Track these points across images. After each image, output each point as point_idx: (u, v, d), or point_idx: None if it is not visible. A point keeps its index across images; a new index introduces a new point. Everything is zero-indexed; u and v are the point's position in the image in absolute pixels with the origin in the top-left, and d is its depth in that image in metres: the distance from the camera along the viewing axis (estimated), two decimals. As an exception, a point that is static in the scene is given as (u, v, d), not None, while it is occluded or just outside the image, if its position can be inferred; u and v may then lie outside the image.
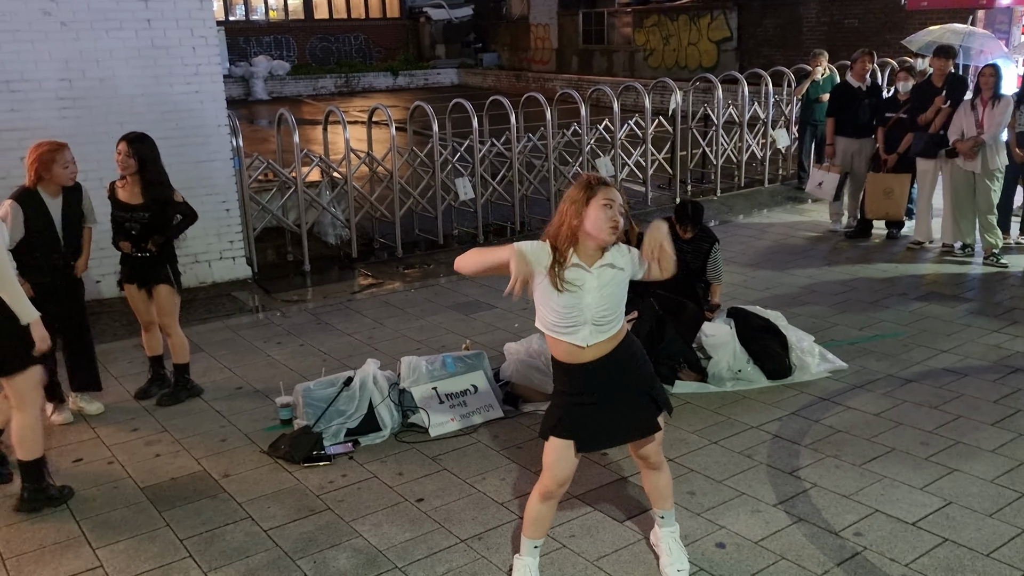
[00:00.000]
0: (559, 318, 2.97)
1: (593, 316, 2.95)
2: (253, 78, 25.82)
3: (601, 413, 3.07)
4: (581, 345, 2.97)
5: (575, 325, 2.95)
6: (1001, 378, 5.08)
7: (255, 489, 4.15)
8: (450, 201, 8.90)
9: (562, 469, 3.13)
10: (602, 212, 2.88)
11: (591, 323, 2.95)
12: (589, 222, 2.89)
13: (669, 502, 3.38)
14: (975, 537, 3.53)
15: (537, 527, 3.26)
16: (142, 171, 4.81)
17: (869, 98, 8.25)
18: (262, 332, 6.38)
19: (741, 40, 19.73)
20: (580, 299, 2.93)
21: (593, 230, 2.90)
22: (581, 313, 2.94)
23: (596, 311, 2.95)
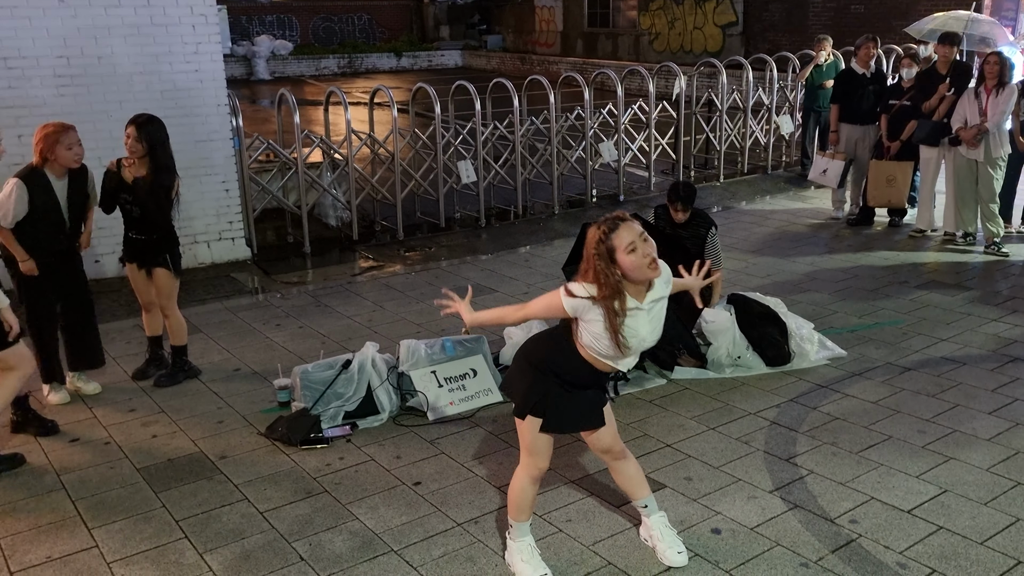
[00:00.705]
0: (608, 349, 2.96)
1: (644, 347, 3.04)
2: (255, 58, 25.70)
3: (575, 400, 3.14)
4: (624, 370, 3.10)
5: (629, 354, 3.01)
6: (999, 367, 5.07)
7: (252, 471, 4.16)
8: (452, 184, 8.86)
9: (547, 447, 3.20)
10: (630, 259, 2.84)
11: (638, 352, 3.05)
12: (628, 271, 2.86)
13: (645, 488, 3.41)
14: (970, 525, 3.54)
15: (526, 510, 3.30)
16: (151, 155, 4.78)
17: (873, 85, 8.19)
18: (261, 314, 6.38)
19: (747, 25, 19.58)
20: (637, 333, 2.96)
21: (637, 276, 2.88)
22: (637, 345, 2.99)
23: (648, 342, 3.03)
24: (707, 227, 5.46)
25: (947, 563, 3.30)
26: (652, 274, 2.89)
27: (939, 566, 3.29)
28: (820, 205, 9.29)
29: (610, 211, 3.05)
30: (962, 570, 3.26)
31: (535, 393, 3.11)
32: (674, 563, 3.32)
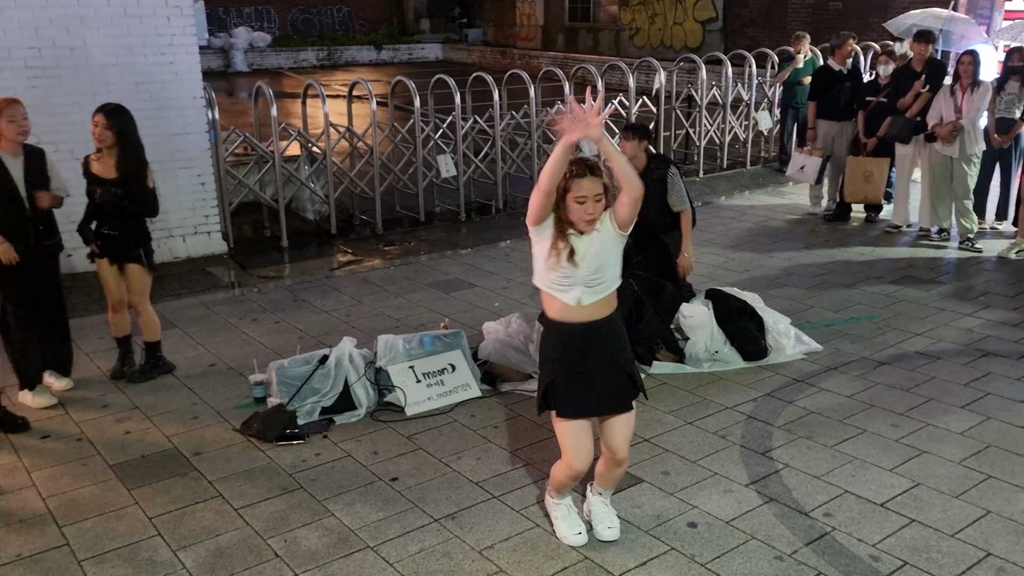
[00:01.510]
0: (557, 278, 3.12)
1: (584, 278, 3.09)
2: (233, 50, 25.43)
3: (585, 382, 3.19)
4: (572, 304, 3.12)
5: (568, 286, 3.11)
6: (972, 361, 5.13)
7: (227, 467, 4.12)
8: (432, 178, 8.83)
9: (582, 443, 3.23)
10: (576, 207, 3.03)
11: (583, 284, 3.10)
12: (569, 212, 3.04)
13: (613, 486, 3.54)
14: (941, 518, 3.58)
15: (566, 492, 3.49)
16: (120, 144, 4.71)
17: (850, 82, 8.25)
18: (237, 308, 6.32)
19: (726, 21, 19.65)
20: (577, 264, 3.07)
21: (572, 219, 3.06)
22: (574, 273, 3.08)
23: (587, 273, 3.09)
24: (666, 168, 5.40)
25: (918, 555, 3.34)
26: (585, 228, 3.05)
27: (911, 558, 3.32)
28: (798, 200, 9.35)
29: None
30: (933, 562, 3.29)
31: (541, 386, 3.25)
32: (605, 536, 3.45)
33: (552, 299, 3.17)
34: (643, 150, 5.35)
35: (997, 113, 7.33)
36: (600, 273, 3.10)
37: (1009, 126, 7.30)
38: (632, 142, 5.30)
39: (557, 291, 3.14)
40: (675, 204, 5.38)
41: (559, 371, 3.20)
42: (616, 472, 3.40)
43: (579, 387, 3.18)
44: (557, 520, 3.52)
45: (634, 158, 5.39)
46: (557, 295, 3.14)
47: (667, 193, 5.32)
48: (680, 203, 5.39)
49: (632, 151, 5.29)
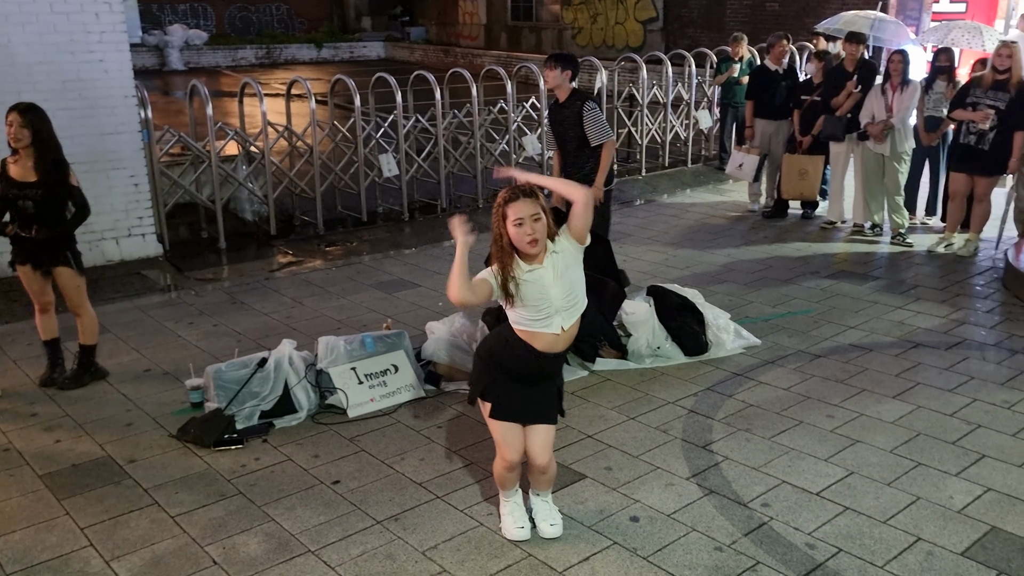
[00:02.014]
0: (532, 314, 3.12)
1: (560, 304, 3.12)
2: (168, 47, 24.86)
3: (524, 392, 3.26)
4: (557, 332, 3.14)
5: (547, 317, 3.12)
6: (903, 352, 5.29)
7: (162, 474, 4.02)
8: (374, 177, 8.75)
9: (513, 438, 3.30)
10: (515, 231, 3.04)
11: (562, 311, 3.12)
12: (513, 240, 3.06)
13: (548, 488, 3.54)
14: (874, 505, 3.68)
15: (509, 486, 3.50)
16: (36, 143, 4.55)
17: (785, 81, 8.43)
18: (173, 312, 6.18)
19: (667, 21, 19.91)
20: (545, 294, 3.09)
21: (517, 245, 3.07)
22: (550, 304, 3.10)
23: (564, 299, 3.12)
24: (583, 101, 5.44)
25: (852, 542, 3.43)
26: (529, 250, 3.04)
27: (845, 545, 3.41)
28: (738, 198, 9.52)
29: None
30: (866, 548, 3.39)
31: (480, 381, 3.30)
32: (547, 534, 3.47)
33: (535, 335, 3.14)
34: (567, 80, 5.34)
35: (926, 112, 7.57)
36: (572, 294, 3.15)
37: (937, 124, 7.54)
38: (555, 71, 5.31)
39: (539, 326, 3.12)
40: (592, 137, 5.39)
41: (502, 378, 3.24)
42: (543, 478, 3.45)
43: (518, 395, 3.25)
44: (504, 515, 3.55)
45: (557, 87, 5.42)
46: (541, 329, 3.13)
47: (583, 125, 5.33)
48: (598, 136, 5.39)
49: (554, 80, 5.33)
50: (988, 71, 6.81)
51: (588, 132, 5.36)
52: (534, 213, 3.02)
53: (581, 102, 5.38)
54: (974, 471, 3.93)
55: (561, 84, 5.36)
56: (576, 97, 5.44)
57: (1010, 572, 3.23)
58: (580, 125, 5.36)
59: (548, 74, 5.35)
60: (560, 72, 5.32)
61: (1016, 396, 4.67)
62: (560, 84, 5.36)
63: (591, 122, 5.36)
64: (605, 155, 5.49)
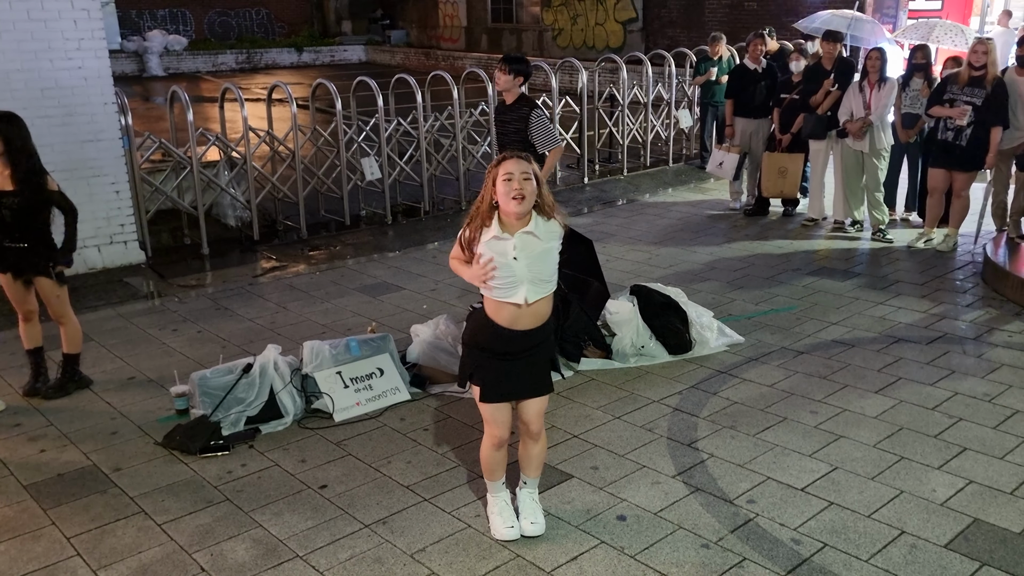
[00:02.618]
0: (497, 283, 3.16)
1: (529, 276, 3.15)
2: (147, 53, 24.70)
3: (509, 369, 3.28)
4: (520, 303, 3.16)
5: (512, 286, 3.15)
6: (885, 348, 5.34)
7: (148, 482, 4.00)
8: (356, 181, 8.74)
9: (501, 416, 3.35)
10: (503, 186, 3.09)
11: (528, 282, 3.15)
12: (498, 195, 3.11)
13: (537, 472, 3.57)
14: (858, 500, 3.72)
15: (496, 471, 3.51)
16: (9, 152, 4.51)
17: (764, 80, 8.49)
18: (157, 319, 6.14)
19: (646, 21, 20.00)
20: (507, 263, 3.13)
21: (502, 203, 3.12)
22: (514, 274, 3.13)
23: (530, 272, 3.15)
24: (530, 107, 5.38)
25: (837, 536, 3.46)
26: (512, 208, 3.09)
27: (830, 540, 3.44)
28: (719, 196, 9.58)
29: None
30: (851, 543, 3.42)
31: (466, 365, 3.35)
32: (527, 532, 3.49)
33: (500, 305, 3.19)
34: (517, 84, 5.31)
35: (903, 109, 7.65)
36: (544, 272, 3.18)
37: (914, 121, 7.62)
38: (507, 75, 5.28)
39: (503, 294, 3.16)
40: (538, 144, 5.34)
41: (485, 359, 3.28)
42: (535, 449, 3.48)
43: (504, 373, 3.27)
44: (492, 515, 3.55)
45: (507, 91, 5.36)
46: (504, 298, 3.17)
47: (528, 131, 5.30)
48: (543, 144, 5.35)
49: (505, 83, 5.27)
50: (964, 68, 6.90)
51: (535, 140, 5.32)
52: (524, 171, 3.09)
53: (528, 109, 5.32)
54: (956, 464, 3.98)
55: (511, 88, 5.32)
56: (523, 103, 5.39)
57: (993, 563, 3.28)
58: (524, 130, 5.32)
59: (500, 77, 5.29)
60: (512, 77, 5.29)
61: (996, 389, 4.73)
62: (510, 88, 5.32)
63: (538, 130, 5.32)
64: (551, 159, 5.45)
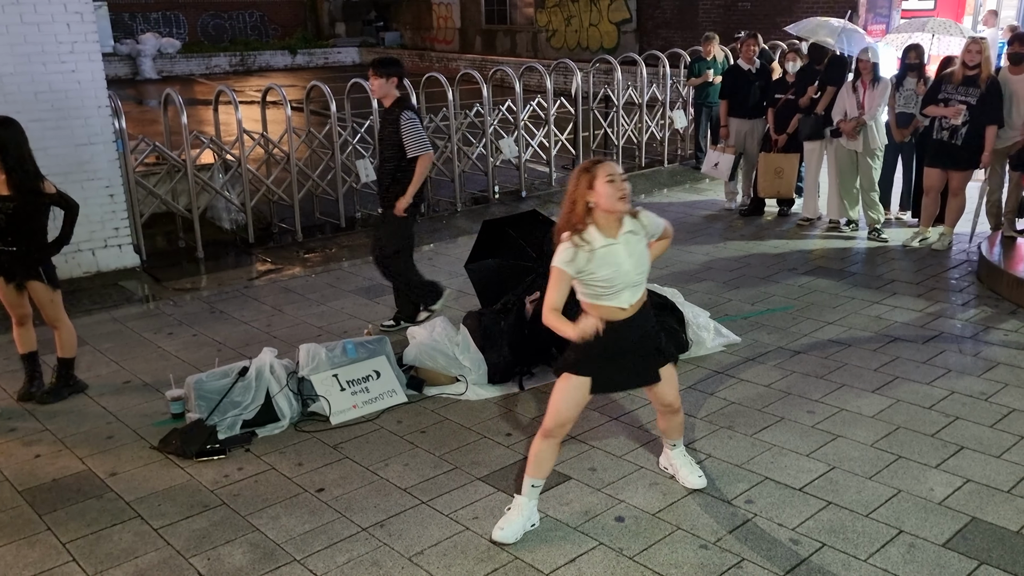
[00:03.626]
0: (602, 288, 3.27)
1: (631, 280, 3.28)
2: (140, 56, 24.65)
3: (615, 363, 3.39)
4: (624, 307, 3.30)
5: (617, 290, 3.27)
6: (881, 347, 5.35)
7: (144, 487, 3.99)
8: (351, 183, 8.73)
9: (568, 408, 3.41)
10: (609, 188, 3.19)
11: (630, 287, 3.29)
12: (602, 199, 3.19)
13: (680, 434, 3.82)
14: (856, 499, 3.72)
15: (538, 466, 3.48)
16: (5, 158, 4.49)
17: (759, 80, 8.50)
18: (152, 323, 6.12)
19: (640, 22, 20.01)
20: (619, 267, 3.25)
21: (607, 205, 3.21)
22: (621, 279, 3.26)
23: (633, 275, 3.29)
24: (402, 108, 5.30)
25: (835, 536, 3.46)
26: (621, 207, 3.22)
27: (828, 539, 3.44)
28: (714, 197, 9.59)
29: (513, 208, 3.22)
30: (849, 542, 3.42)
31: (570, 355, 3.39)
32: (695, 485, 3.75)
33: (599, 307, 3.29)
34: (392, 86, 5.21)
35: (897, 108, 7.66)
36: (643, 273, 3.34)
37: (909, 120, 7.64)
38: (379, 79, 5.18)
39: (607, 299, 3.27)
40: (408, 147, 5.25)
41: (593, 351, 3.32)
42: (675, 420, 3.70)
43: (610, 367, 3.39)
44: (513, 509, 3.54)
45: (384, 96, 5.26)
46: (607, 302, 3.28)
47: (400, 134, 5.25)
48: (412, 148, 5.24)
49: (380, 88, 5.17)
50: (958, 67, 6.91)
51: (405, 142, 5.22)
52: (622, 173, 3.23)
53: (400, 110, 5.22)
54: (953, 463, 3.99)
55: (387, 92, 5.20)
56: (398, 104, 5.28)
57: (991, 562, 3.28)
58: (396, 133, 5.23)
59: (373, 83, 5.16)
60: (385, 80, 5.18)
61: (992, 387, 4.74)
62: (387, 92, 5.20)
63: (408, 131, 5.20)
64: (420, 168, 5.33)
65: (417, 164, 5.35)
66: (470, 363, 4.94)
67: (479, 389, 4.89)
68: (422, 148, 5.33)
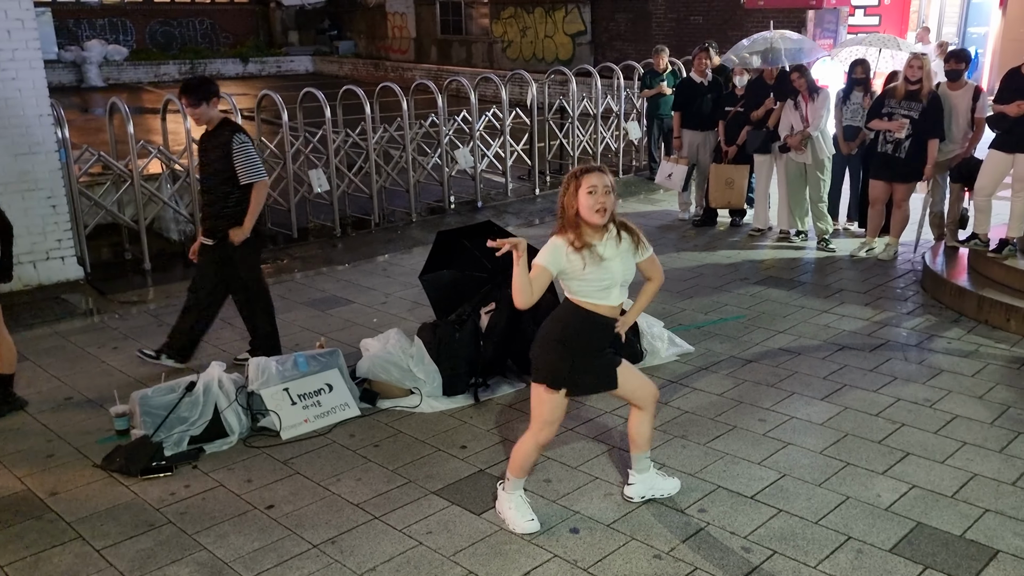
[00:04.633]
0: (593, 287, 3.33)
1: (621, 279, 3.36)
2: (86, 64, 24.11)
3: (593, 367, 3.47)
4: (614, 305, 3.39)
5: (607, 288, 3.34)
6: (830, 355, 5.44)
7: (87, 506, 3.87)
8: (304, 193, 8.63)
9: (558, 417, 3.51)
10: (588, 199, 3.25)
11: (619, 285, 3.37)
12: (582, 209, 3.26)
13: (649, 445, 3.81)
14: (806, 506, 3.76)
15: (526, 469, 3.62)
16: None
17: (710, 93, 8.62)
18: (96, 337, 5.96)
19: (595, 34, 20.20)
20: (608, 267, 3.32)
21: (586, 216, 3.27)
22: (612, 278, 3.33)
23: (622, 275, 3.36)
24: (232, 131, 4.90)
25: (786, 543, 3.50)
26: (595, 218, 3.26)
27: (779, 547, 3.47)
28: (668, 207, 9.68)
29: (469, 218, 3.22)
30: (800, 549, 3.46)
31: (550, 365, 3.41)
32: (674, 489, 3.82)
33: (590, 303, 3.36)
34: (213, 108, 4.84)
35: (844, 122, 7.83)
36: (628, 272, 3.40)
37: (855, 134, 7.81)
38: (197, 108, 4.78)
39: (598, 296, 3.34)
40: (241, 174, 4.90)
41: (575, 354, 3.39)
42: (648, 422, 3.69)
43: (589, 370, 3.45)
44: (508, 511, 3.63)
45: (208, 121, 4.87)
46: (599, 300, 3.35)
47: (231, 159, 4.86)
48: (247, 175, 4.89)
49: (202, 116, 4.80)
50: (901, 82, 7.09)
51: (239, 168, 4.88)
52: (606, 185, 3.26)
53: (231, 132, 4.87)
54: (899, 469, 4.06)
55: (210, 115, 4.85)
56: (226, 127, 4.93)
57: (935, 566, 3.34)
58: (227, 158, 4.87)
59: (191, 113, 4.82)
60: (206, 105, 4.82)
61: (937, 394, 4.85)
62: (210, 116, 4.86)
63: (241, 156, 4.86)
64: (256, 197, 4.96)
65: (253, 192, 4.95)
66: (425, 375, 4.90)
67: (434, 401, 4.85)
68: (258, 174, 4.94)
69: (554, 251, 3.30)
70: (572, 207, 3.28)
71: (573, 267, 3.29)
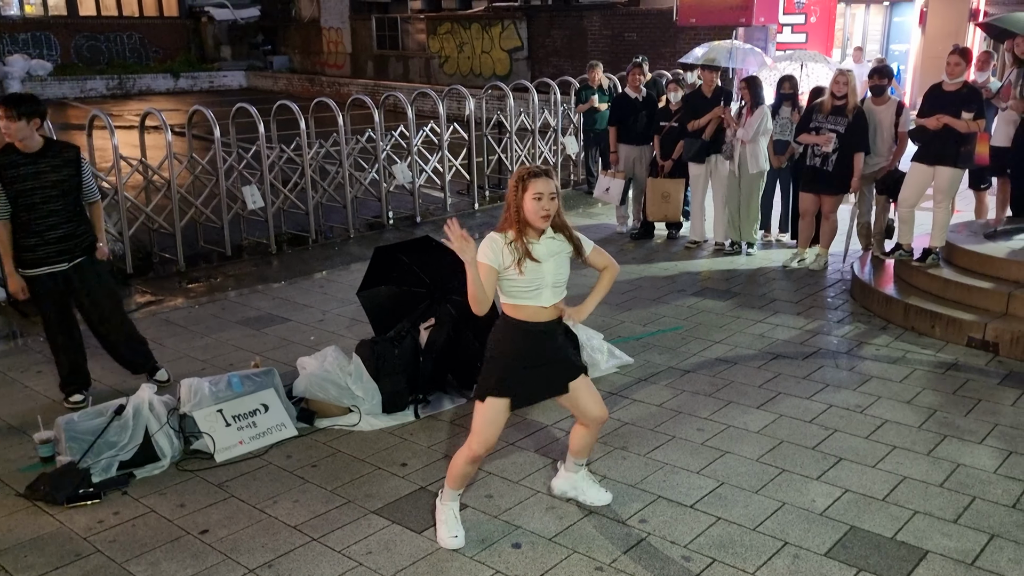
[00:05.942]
0: (524, 286, 3.36)
1: (552, 280, 3.39)
2: (7, 79, 23.35)
3: (534, 373, 3.47)
4: (545, 306, 3.40)
5: (537, 289, 3.37)
6: (765, 364, 5.55)
7: (9, 537, 3.69)
8: (237, 210, 8.47)
9: (493, 432, 3.48)
10: (533, 204, 3.30)
11: (551, 286, 3.40)
12: (526, 211, 3.32)
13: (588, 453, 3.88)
14: (743, 513, 3.82)
15: (461, 481, 3.62)
16: None
17: (645, 108, 8.76)
18: (18, 361, 5.73)
19: (531, 50, 20.39)
20: (540, 269, 3.36)
21: (530, 219, 3.33)
22: (543, 278, 3.37)
23: (554, 276, 3.40)
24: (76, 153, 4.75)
25: (725, 551, 3.54)
26: (540, 223, 3.33)
27: (719, 555, 3.51)
28: (607, 221, 9.78)
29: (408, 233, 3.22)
30: (738, 556, 3.50)
31: (488, 378, 3.45)
32: (604, 501, 3.85)
33: (521, 308, 3.39)
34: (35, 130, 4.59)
35: (774, 136, 8.03)
36: (563, 277, 3.44)
37: (785, 148, 8.02)
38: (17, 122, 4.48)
39: (528, 297, 3.37)
40: (89, 194, 4.87)
41: (512, 366, 3.43)
42: (594, 435, 3.75)
43: (529, 379, 3.46)
44: (439, 524, 3.64)
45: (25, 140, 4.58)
46: (528, 301, 3.38)
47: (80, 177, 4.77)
48: (92, 193, 4.89)
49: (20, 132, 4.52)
50: (827, 97, 7.31)
51: (87, 189, 4.83)
52: (552, 192, 3.31)
53: (76, 152, 4.73)
54: (833, 474, 4.15)
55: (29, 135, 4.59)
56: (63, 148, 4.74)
57: (868, 568, 3.42)
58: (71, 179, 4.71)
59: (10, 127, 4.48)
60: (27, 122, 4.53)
61: (867, 400, 4.98)
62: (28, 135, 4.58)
63: (90, 179, 4.84)
64: (101, 213, 5.06)
65: (95, 209, 5.01)
66: (363, 393, 4.84)
67: (373, 419, 4.79)
68: (97, 194, 5.03)
69: (492, 245, 3.33)
70: (518, 207, 3.33)
71: (506, 262, 3.32)
